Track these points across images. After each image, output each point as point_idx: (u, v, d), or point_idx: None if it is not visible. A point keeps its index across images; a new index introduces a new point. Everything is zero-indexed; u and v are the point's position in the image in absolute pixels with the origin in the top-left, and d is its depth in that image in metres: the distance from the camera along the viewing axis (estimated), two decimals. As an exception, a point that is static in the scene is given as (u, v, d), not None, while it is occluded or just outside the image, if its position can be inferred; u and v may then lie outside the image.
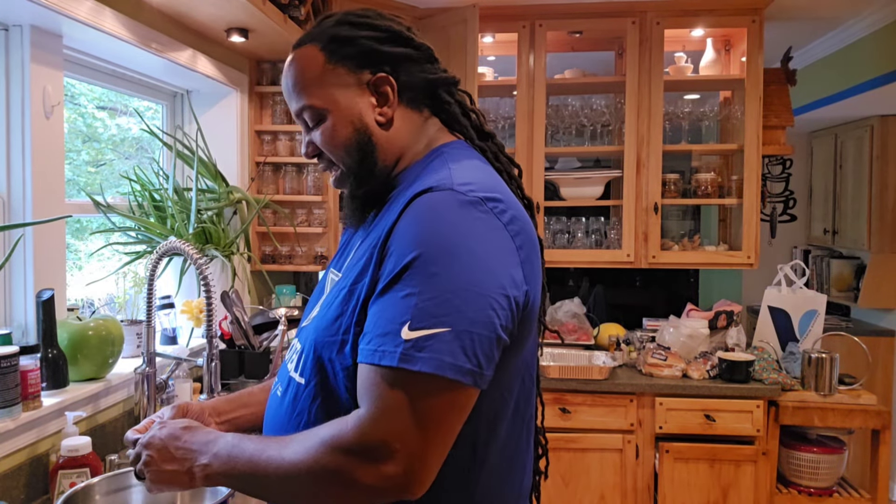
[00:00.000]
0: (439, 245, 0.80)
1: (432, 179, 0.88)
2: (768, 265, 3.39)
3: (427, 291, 0.78)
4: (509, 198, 0.90)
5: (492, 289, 0.80)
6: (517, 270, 0.84)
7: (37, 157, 1.54)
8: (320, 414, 0.90)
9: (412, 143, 0.99)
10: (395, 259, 0.82)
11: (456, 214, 0.82)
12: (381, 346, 0.79)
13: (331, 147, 0.98)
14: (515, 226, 0.86)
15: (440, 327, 0.77)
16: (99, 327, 1.61)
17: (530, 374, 0.97)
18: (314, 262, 2.67)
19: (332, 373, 0.89)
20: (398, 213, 0.86)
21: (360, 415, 0.79)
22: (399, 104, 0.98)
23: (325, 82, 0.96)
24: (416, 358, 0.76)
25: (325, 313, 0.93)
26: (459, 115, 1.02)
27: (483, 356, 0.79)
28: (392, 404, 0.77)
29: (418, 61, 0.99)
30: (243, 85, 2.54)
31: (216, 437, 0.92)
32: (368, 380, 0.80)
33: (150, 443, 0.95)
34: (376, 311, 0.82)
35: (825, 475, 2.51)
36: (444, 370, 0.76)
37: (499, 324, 0.80)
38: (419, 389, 0.77)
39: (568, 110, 3.03)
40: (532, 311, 0.88)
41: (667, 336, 2.81)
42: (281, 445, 0.84)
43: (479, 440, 0.88)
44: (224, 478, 0.88)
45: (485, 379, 0.80)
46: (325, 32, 0.97)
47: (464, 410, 0.81)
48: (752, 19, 2.82)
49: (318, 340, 0.91)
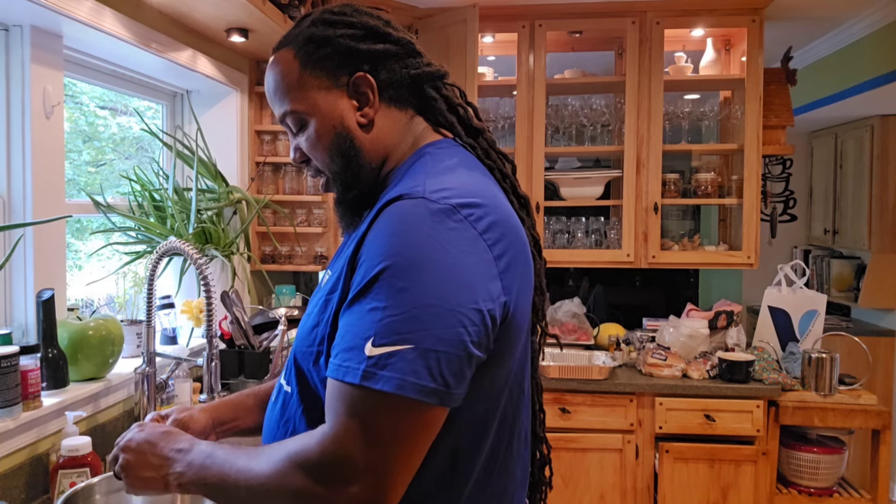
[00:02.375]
0: (408, 257, 0.77)
1: (406, 186, 0.85)
2: (768, 265, 3.39)
3: (393, 306, 0.75)
4: (492, 201, 0.85)
5: (462, 304, 0.76)
6: (494, 282, 0.80)
7: (37, 157, 1.54)
8: (304, 422, 0.89)
9: (398, 142, 0.96)
10: (363, 270, 0.79)
11: (426, 224, 0.78)
12: (345, 361, 0.77)
13: (315, 152, 0.96)
14: (494, 233, 0.82)
15: (403, 344, 0.74)
16: (99, 327, 1.61)
17: (518, 384, 0.93)
18: (314, 262, 2.67)
19: (312, 383, 0.89)
20: (369, 222, 0.83)
21: (325, 432, 0.77)
22: (381, 103, 0.94)
23: (303, 86, 0.93)
24: (377, 376, 0.74)
25: (305, 322, 0.92)
26: (445, 111, 0.98)
27: (451, 375, 0.75)
28: (354, 423, 0.75)
29: (399, 57, 0.95)
30: (243, 85, 2.54)
31: (191, 445, 0.90)
32: (333, 395, 0.77)
33: (128, 446, 0.95)
34: (344, 323, 0.80)
35: (825, 475, 2.51)
36: (405, 390, 0.73)
37: (469, 340, 0.76)
38: (381, 408, 0.74)
39: (568, 110, 3.03)
40: (515, 321, 0.84)
41: (667, 336, 2.81)
42: (250, 457, 0.83)
43: (460, 452, 0.85)
44: (197, 487, 0.87)
45: (453, 398, 0.76)
46: (301, 34, 0.94)
47: (430, 428, 0.77)
48: (752, 19, 2.82)
49: (297, 350, 0.91)
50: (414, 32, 2.87)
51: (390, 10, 2.78)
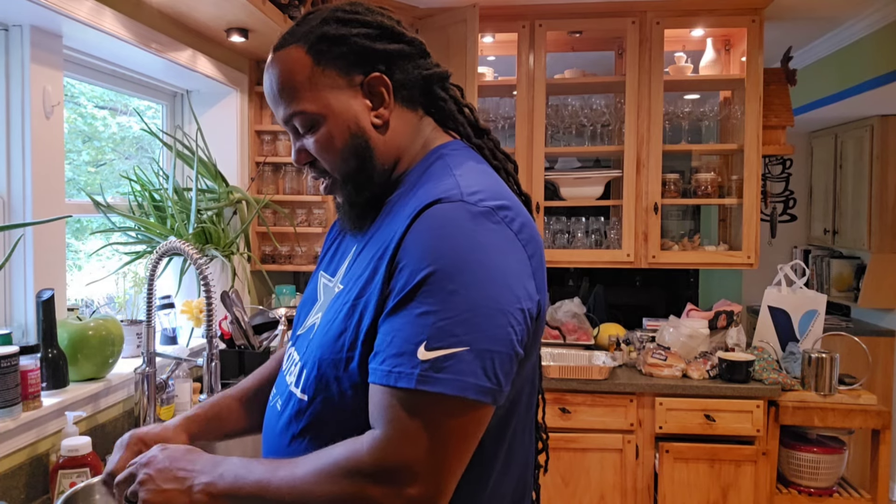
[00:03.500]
0: (454, 260, 0.77)
1: (439, 189, 0.84)
2: (768, 265, 3.39)
3: (444, 310, 0.76)
4: (516, 203, 0.87)
5: (509, 304, 0.78)
6: (530, 282, 0.83)
7: (37, 157, 1.54)
8: (327, 431, 0.87)
9: (409, 143, 0.95)
10: (407, 275, 0.79)
11: (469, 228, 0.79)
12: (395, 366, 0.76)
13: (326, 154, 0.93)
14: (525, 234, 0.84)
15: (459, 346, 0.75)
16: (99, 327, 1.61)
17: (533, 377, 0.96)
18: (314, 262, 2.68)
19: (339, 390, 0.86)
20: (406, 225, 0.82)
21: (377, 437, 0.77)
22: (395, 104, 0.93)
23: (316, 86, 0.90)
24: (435, 379, 0.74)
25: (328, 329, 0.89)
26: (455, 112, 0.98)
27: (502, 374, 0.77)
28: (411, 427, 0.75)
29: (412, 57, 0.95)
30: (243, 85, 2.54)
31: (223, 459, 0.88)
32: (383, 401, 0.77)
33: (150, 461, 0.89)
34: (388, 329, 0.79)
35: (825, 475, 2.51)
36: (466, 391, 0.74)
37: (516, 339, 0.79)
38: (439, 411, 0.75)
39: (568, 110, 3.03)
40: (542, 318, 0.87)
41: (667, 336, 2.81)
42: (293, 466, 0.81)
43: (486, 444, 0.86)
44: (228, 499, 0.83)
45: (503, 395, 0.78)
46: (313, 32, 0.91)
47: (482, 426, 0.79)
48: (751, 19, 2.82)
49: (322, 358, 0.88)
50: (414, 32, 2.87)
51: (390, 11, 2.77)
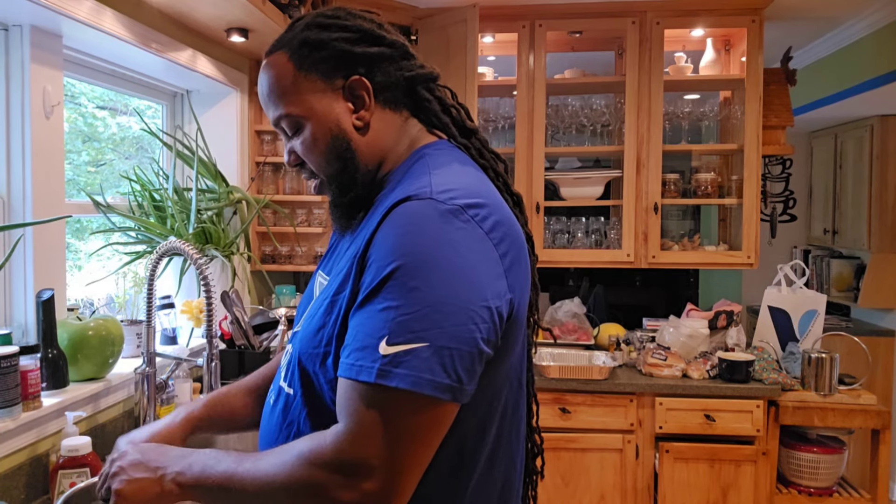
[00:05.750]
0: (419, 257, 0.78)
1: (412, 187, 0.86)
2: (768, 265, 3.39)
3: (406, 305, 0.77)
4: (493, 200, 0.88)
5: (472, 301, 0.78)
6: (500, 280, 0.82)
7: (37, 157, 1.54)
8: (308, 424, 0.89)
9: (394, 144, 0.97)
10: (374, 270, 0.80)
11: (436, 225, 0.80)
12: (358, 360, 0.78)
13: (311, 156, 0.96)
14: (498, 232, 0.84)
15: (418, 342, 0.75)
16: (99, 327, 1.61)
17: (518, 377, 0.96)
18: (314, 262, 2.67)
19: (318, 384, 0.89)
20: (377, 223, 0.84)
21: (339, 431, 0.78)
22: (376, 106, 0.95)
23: (299, 90, 0.94)
24: (393, 374, 0.75)
25: (309, 324, 0.92)
26: (439, 113, 1.00)
27: (463, 371, 0.77)
28: (369, 421, 0.76)
29: (393, 59, 0.96)
30: (243, 85, 2.54)
31: (193, 451, 0.91)
32: (346, 395, 0.79)
33: (122, 456, 0.94)
34: (356, 323, 0.81)
35: (825, 475, 2.51)
36: (421, 387, 0.75)
37: (480, 338, 0.79)
38: (397, 406, 0.76)
39: (568, 110, 3.03)
40: (518, 317, 0.87)
41: (667, 336, 2.81)
42: (257, 458, 0.83)
43: (466, 445, 0.87)
44: (197, 489, 0.86)
45: (465, 393, 0.79)
46: (295, 38, 0.95)
47: (443, 425, 0.79)
48: (751, 19, 2.82)
49: (302, 351, 0.91)
50: (414, 32, 2.87)
51: (390, 11, 2.78)
